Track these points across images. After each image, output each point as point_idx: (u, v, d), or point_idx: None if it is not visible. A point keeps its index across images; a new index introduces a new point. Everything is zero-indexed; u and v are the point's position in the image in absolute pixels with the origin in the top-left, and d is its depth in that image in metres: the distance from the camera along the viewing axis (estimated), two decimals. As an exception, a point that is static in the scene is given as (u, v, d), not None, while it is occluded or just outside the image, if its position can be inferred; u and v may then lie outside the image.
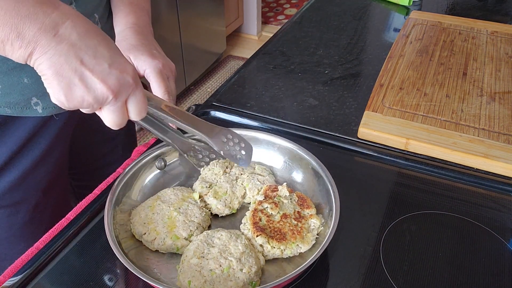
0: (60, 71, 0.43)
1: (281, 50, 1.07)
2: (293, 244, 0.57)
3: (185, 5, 2.46)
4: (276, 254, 0.57)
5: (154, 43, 0.74)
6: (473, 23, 1.12)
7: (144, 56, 0.69)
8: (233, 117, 0.84)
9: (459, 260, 0.58)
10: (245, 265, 0.54)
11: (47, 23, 0.43)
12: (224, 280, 0.52)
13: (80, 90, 0.44)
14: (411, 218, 0.64)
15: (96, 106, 0.46)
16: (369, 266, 0.57)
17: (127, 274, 0.58)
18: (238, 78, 0.97)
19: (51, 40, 0.43)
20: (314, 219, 0.60)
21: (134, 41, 0.71)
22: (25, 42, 0.42)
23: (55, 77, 0.44)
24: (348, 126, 0.81)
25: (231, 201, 0.64)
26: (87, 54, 0.44)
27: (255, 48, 1.80)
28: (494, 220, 0.64)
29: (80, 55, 0.44)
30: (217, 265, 0.54)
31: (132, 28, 0.73)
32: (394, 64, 0.95)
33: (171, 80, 0.70)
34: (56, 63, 0.43)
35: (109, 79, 0.45)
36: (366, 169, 0.74)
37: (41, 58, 0.43)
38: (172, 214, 0.61)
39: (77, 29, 0.44)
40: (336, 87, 0.93)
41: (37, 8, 0.43)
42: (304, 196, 0.63)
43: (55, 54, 0.43)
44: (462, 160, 0.72)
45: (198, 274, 0.53)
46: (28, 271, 0.57)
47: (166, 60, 0.71)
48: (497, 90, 0.87)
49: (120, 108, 0.48)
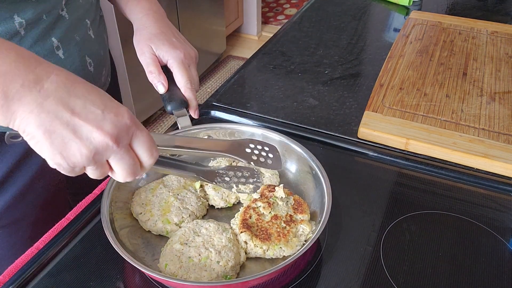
0: (51, 129, 0.39)
1: (281, 50, 1.07)
2: (276, 246, 0.57)
3: (185, 5, 2.46)
4: (258, 253, 0.57)
5: (172, 28, 0.76)
6: (473, 23, 1.12)
7: (166, 47, 0.72)
8: (233, 117, 0.84)
9: (459, 260, 0.58)
10: (223, 258, 0.55)
11: (31, 78, 0.39)
12: (199, 269, 0.54)
13: (76, 145, 0.40)
14: (411, 218, 0.64)
15: (99, 158, 0.42)
16: (369, 266, 0.57)
17: (127, 274, 0.58)
18: (238, 78, 0.97)
19: (36, 96, 0.39)
20: (305, 225, 0.59)
21: (154, 29, 0.73)
22: (7, 100, 0.38)
23: (47, 136, 0.40)
24: (348, 126, 0.81)
25: (228, 195, 0.65)
26: (77, 104, 0.40)
27: (255, 48, 1.80)
28: (494, 220, 0.64)
29: (70, 106, 0.40)
30: (197, 253, 0.55)
31: (149, 15, 0.74)
32: (394, 64, 0.95)
33: (192, 67, 0.73)
34: (45, 120, 0.39)
35: (105, 125, 0.41)
36: (366, 169, 0.74)
37: (27, 118, 0.39)
38: (170, 199, 0.63)
39: (63, 81, 0.41)
40: (336, 87, 0.93)
41: (19, 64, 0.39)
42: (301, 201, 0.62)
43: (43, 111, 0.39)
44: (462, 160, 0.72)
45: (176, 259, 0.55)
46: (28, 271, 0.57)
47: (186, 47, 0.73)
48: (497, 90, 0.87)
49: (127, 154, 0.43)
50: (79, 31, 0.70)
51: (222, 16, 2.90)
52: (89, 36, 0.73)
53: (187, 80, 0.71)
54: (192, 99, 0.72)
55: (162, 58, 0.72)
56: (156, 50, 0.72)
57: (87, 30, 0.72)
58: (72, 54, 0.69)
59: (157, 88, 0.72)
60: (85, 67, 0.72)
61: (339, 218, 0.64)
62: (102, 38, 0.78)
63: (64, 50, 0.67)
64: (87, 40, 0.72)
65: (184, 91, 0.72)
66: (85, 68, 0.72)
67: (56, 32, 0.65)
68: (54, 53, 0.66)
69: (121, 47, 2.08)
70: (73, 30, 0.69)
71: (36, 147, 0.41)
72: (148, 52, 0.73)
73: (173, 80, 0.73)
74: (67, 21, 0.67)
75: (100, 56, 0.77)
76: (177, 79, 0.72)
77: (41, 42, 0.64)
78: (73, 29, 0.68)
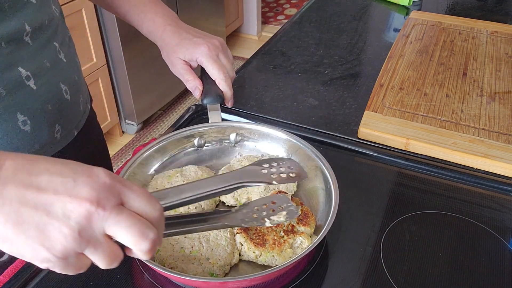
0: (20, 219, 0.33)
1: (281, 50, 1.07)
2: (268, 253, 0.56)
3: (185, 5, 2.46)
4: (250, 257, 0.57)
5: (189, 29, 0.77)
6: (473, 23, 1.12)
7: (190, 50, 0.73)
8: (233, 117, 0.84)
9: (459, 260, 0.58)
10: (213, 256, 0.55)
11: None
12: (187, 261, 0.54)
13: (55, 227, 0.33)
14: (411, 218, 0.64)
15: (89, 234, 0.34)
16: (369, 266, 0.57)
17: (128, 274, 0.58)
18: (238, 78, 0.97)
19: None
20: (304, 237, 0.57)
21: (175, 41, 0.74)
22: None
23: (18, 230, 0.33)
24: (348, 126, 0.81)
25: (240, 194, 0.65)
26: (42, 181, 0.34)
27: (255, 48, 1.80)
28: (494, 220, 0.64)
29: (34, 185, 0.34)
30: (190, 245, 0.56)
31: (166, 30, 0.75)
32: (394, 64, 0.95)
33: (221, 56, 0.74)
34: (10, 212, 0.33)
35: (79, 192, 0.34)
36: (366, 169, 0.74)
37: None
38: None
39: (21, 163, 0.35)
40: (336, 87, 0.93)
41: None
42: (309, 214, 0.60)
43: (5, 202, 0.33)
44: (462, 160, 0.72)
45: (169, 247, 0.55)
46: (28, 271, 0.57)
47: (208, 40, 0.74)
48: (497, 90, 0.87)
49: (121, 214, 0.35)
50: (48, 56, 0.63)
51: (222, 16, 2.90)
52: (60, 60, 0.66)
53: (219, 71, 0.72)
54: (227, 90, 0.73)
55: (192, 62, 0.74)
56: (184, 58, 0.73)
57: (57, 54, 0.66)
58: (45, 83, 0.62)
59: (194, 93, 0.74)
60: (61, 96, 0.66)
61: (339, 218, 0.64)
62: (74, 61, 0.73)
63: (36, 80, 0.61)
64: (59, 65, 0.66)
65: (218, 83, 0.73)
66: (61, 97, 0.66)
67: (21, 61, 0.59)
68: (24, 84, 0.59)
69: (121, 47, 2.08)
70: (41, 56, 0.62)
71: (13, 250, 0.34)
72: (178, 63, 0.74)
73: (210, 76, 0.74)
74: (32, 46, 0.60)
75: (75, 82, 0.71)
76: (210, 73, 0.72)
77: (6, 74, 0.57)
78: (40, 54, 0.62)
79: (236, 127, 0.71)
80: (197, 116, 0.84)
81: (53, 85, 0.65)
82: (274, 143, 0.70)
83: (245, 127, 0.71)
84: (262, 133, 0.70)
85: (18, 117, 0.60)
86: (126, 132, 2.49)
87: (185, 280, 0.52)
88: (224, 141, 0.72)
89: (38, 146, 0.64)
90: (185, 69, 0.74)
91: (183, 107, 2.70)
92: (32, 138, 0.63)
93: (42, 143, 0.65)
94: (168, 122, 2.59)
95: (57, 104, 0.66)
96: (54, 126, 0.66)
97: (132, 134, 2.48)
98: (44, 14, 0.63)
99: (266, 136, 0.70)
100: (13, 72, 0.58)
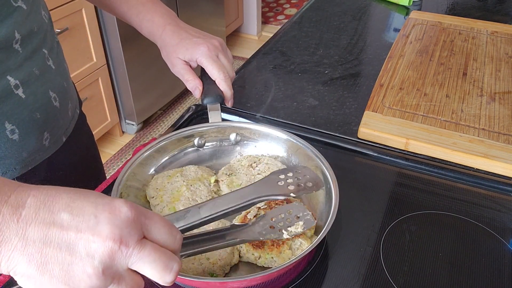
0: (44, 260, 0.33)
1: (281, 50, 1.07)
2: (267, 255, 0.55)
3: (185, 5, 2.46)
4: (250, 259, 0.56)
5: (189, 29, 0.77)
6: (473, 23, 1.12)
7: (189, 50, 0.73)
8: (233, 117, 0.84)
9: (459, 260, 0.58)
10: (214, 256, 0.55)
11: (5, 211, 0.34)
12: (187, 261, 0.54)
13: (79, 267, 0.33)
14: (411, 218, 0.64)
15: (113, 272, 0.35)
16: (369, 266, 0.57)
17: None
18: (238, 78, 0.97)
19: (16, 229, 0.34)
20: (303, 239, 0.56)
21: (175, 41, 0.74)
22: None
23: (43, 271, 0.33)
24: (348, 126, 0.81)
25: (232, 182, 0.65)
26: (64, 218, 0.34)
27: (255, 48, 1.79)
28: (494, 220, 0.64)
29: (57, 224, 0.34)
30: None
31: (166, 29, 0.75)
32: (394, 64, 0.95)
33: (221, 56, 0.74)
34: (34, 253, 0.33)
35: (102, 229, 0.34)
36: (366, 169, 0.74)
37: (13, 257, 0.33)
38: (182, 188, 0.63)
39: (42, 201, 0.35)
40: (336, 87, 0.93)
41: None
42: None
43: (28, 243, 0.33)
44: (462, 160, 0.72)
45: None
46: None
47: (208, 40, 0.74)
48: (497, 90, 0.87)
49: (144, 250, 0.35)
50: (37, 63, 0.62)
51: (222, 16, 2.90)
52: (49, 68, 0.65)
53: (218, 71, 0.71)
54: (227, 90, 0.73)
55: (192, 62, 0.74)
56: (184, 58, 0.73)
57: (46, 61, 0.65)
58: (34, 92, 0.62)
59: (194, 93, 0.74)
60: (50, 104, 0.65)
61: (339, 218, 0.64)
62: (63, 67, 0.72)
63: (24, 88, 0.60)
64: (48, 72, 0.65)
65: (218, 83, 0.72)
66: (50, 104, 0.66)
67: (10, 69, 0.58)
68: (13, 93, 0.59)
69: (121, 47, 2.08)
70: (30, 64, 0.61)
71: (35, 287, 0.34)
72: (178, 63, 0.74)
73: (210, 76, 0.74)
74: (21, 54, 0.59)
75: (64, 88, 0.70)
76: (210, 73, 0.72)
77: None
78: (29, 62, 0.61)
79: (236, 127, 0.71)
80: (197, 116, 0.84)
81: (42, 93, 0.64)
82: (274, 143, 0.70)
83: (245, 127, 0.71)
84: (262, 133, 0.70)
85: (6, 126, 0.59)
86: (126, 132, 2.49)
87: (185, 280, 0.52)
88: (224, 141, 0.72)
89: (26, 154, 0.64)
90: (185, 69, 0.74)
91: (183, 107, 2.70)
92: (20, 146, 0.62)
93: (30, 151, 0.64)
94: (168, 122, 2.59)
95: (46, 112, 0.65)
96: (42, 134, 0.65)
97: (132, 134, 2.48)
98: (34, 20, 0.62)
99: (266, 136, 0.70)
100: (2, 81, 0.57)
